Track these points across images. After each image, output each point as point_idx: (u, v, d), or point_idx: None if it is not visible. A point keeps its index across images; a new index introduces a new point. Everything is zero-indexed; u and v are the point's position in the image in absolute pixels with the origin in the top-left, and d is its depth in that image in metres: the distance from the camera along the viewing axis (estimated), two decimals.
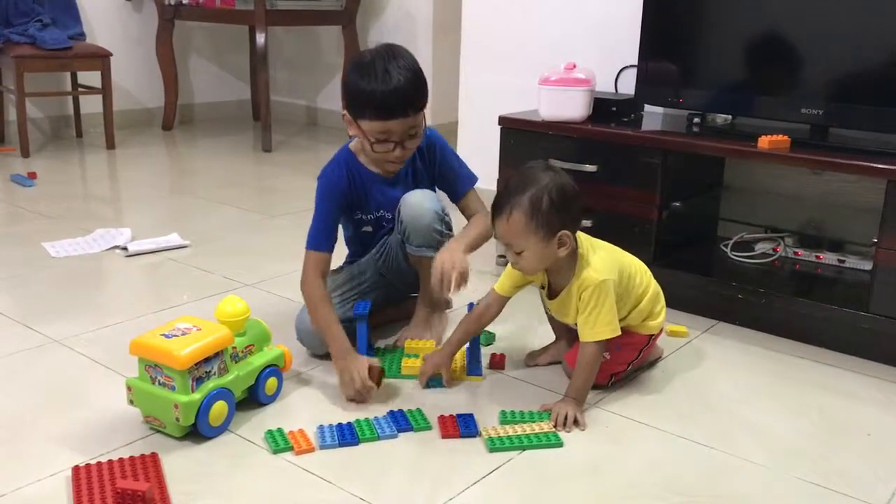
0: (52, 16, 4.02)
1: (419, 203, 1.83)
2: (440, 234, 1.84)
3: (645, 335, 1.76)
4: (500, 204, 1.60)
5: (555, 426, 1.58)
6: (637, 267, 1.76)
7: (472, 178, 1.98)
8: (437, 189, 1.97)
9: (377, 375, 1.66)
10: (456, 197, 1.97)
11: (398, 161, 1.81)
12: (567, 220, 1.60)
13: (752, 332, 2.08)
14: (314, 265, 1.81)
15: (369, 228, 1.93)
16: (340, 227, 1.95)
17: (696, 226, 2.46)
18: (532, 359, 1.88)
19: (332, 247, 1.85)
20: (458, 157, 1.99)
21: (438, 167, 1.94)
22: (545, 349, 1.89)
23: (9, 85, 3.96)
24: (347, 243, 2.02)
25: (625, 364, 1.76)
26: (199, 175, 3.84)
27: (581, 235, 1.68)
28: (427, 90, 1.79)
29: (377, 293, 1.94)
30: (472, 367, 1.81)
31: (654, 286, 1.77)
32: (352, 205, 1.90)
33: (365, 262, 1.95)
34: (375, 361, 1.69)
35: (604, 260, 1.66)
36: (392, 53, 1.74)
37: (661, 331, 1.81)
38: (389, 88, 1.70)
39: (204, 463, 1.45)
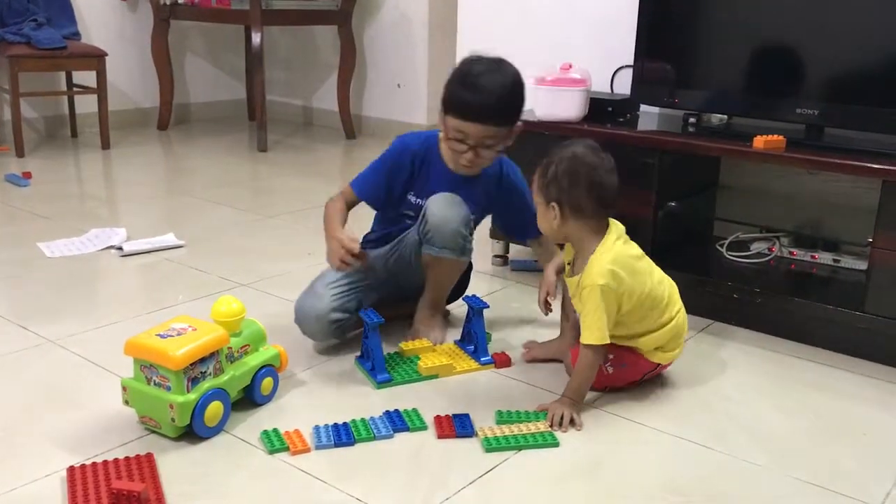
0: (47, 15, 4.01)
1: (447, 205, 1.82)
2: (464, 238, 1.84)
3: (653, 363, 1.74)
4: (544, 160, 1.70)
5: (551, 426, 1.58)
6: (666, 291, 1.72)
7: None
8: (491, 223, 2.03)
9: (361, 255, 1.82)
10: (528, 235, 2.02)
11: (469, 165, 1.84)
12: (562, 196, 1.65)
13: (748, 332, 2.08)
14: (346, 195, 1.94)
15: (412, 213, 1.93)
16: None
17: (692, 225, 2.47)
18: (530, 353, 1.88)
19: (368, 199, 1.94)
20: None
21: (509, 202, 1.99)
22: (546, 343, 1.90)
23: (3, 85, 3.95)
24: (379, 220, 2.03)
25: (625, 382, 1.74)
26: (194, 175, 3.84)
27: (615, 233, 1.68)
28: (518, 110, 1.83)
29: (381, 291, 1.94)
30: (482, 354, 1.84)
31: (679, 320, 1.73)
32: (409, 182, 1.92)
33: (374, 257, 1.94)
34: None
35: (613, 263, 1.63)
36: (496, 65, 1.81)
37: (670, 363, 1.78)
38: (476, 92, 1.77)
39: (199, 463, 1.45)
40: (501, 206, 2.01)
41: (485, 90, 1.76)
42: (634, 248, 1.72)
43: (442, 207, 1.82)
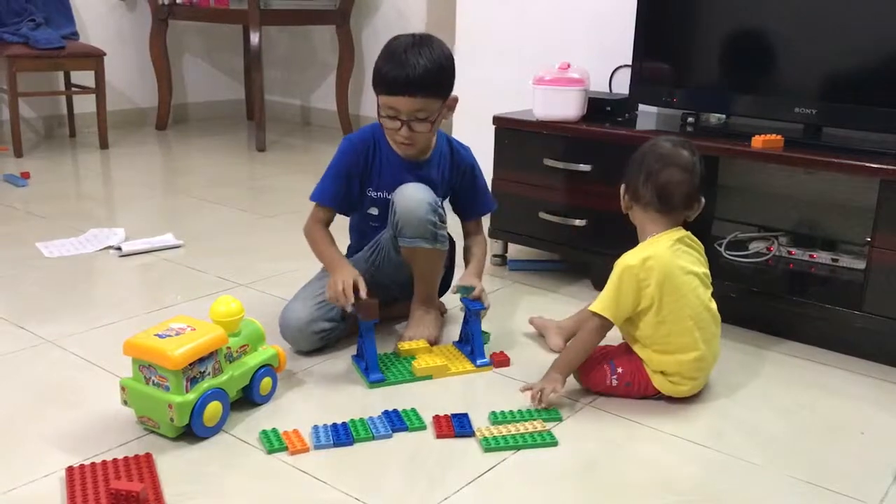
0: (45, 15, 4.01)
1: (413, 194, 1.83)
2: (434, 225, 1.83)
3: (657, 390, 1.70)
4: None
5: (533, 399, 1.63)
6: (699, 325, 1.65)
7: (492, 205, 2.12)
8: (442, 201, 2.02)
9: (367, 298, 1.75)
10: (468, 216, 2.07)
11: (405, 142, 1.85)
12: (627, 180, 1.75)
13: (746, 331, 2.08)
14: (317, 216, 1.94)
15: (375, 211, 1.94)
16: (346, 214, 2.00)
17: (691, 225, 2.46)
18: (535, 321, 2.00)
19: (336, 204, 1.93)
20: (484, 180, 2.09)
21: (461, 181, 2.02)
22: (549, 319, 2.00)
23: (2, 85, 3.94)
24: (350, 230, 2.04)
25: (623, 396, 1.72)
26: (192, 175, 3.83)
27: (672, 237, 1.69)
28: (446, 81, 1.86)
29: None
30: (479, 356, 1.84)
31: (694, 360, 1.65)
32: (365, 176, 1.92)
33: (356, 259, 1.94)
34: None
35: (650, 257, 1.64)
36: (421, 40, 1.82)
37: (669, 396, 1.71)
38: (399, 66, 1.78)
39: (198, 463, 1.45)
40: (457, 183, 2.02)
41: (409, 63, 1.78)
42: (691, 264, 1.68)
43: (407, 197, 1.83)
